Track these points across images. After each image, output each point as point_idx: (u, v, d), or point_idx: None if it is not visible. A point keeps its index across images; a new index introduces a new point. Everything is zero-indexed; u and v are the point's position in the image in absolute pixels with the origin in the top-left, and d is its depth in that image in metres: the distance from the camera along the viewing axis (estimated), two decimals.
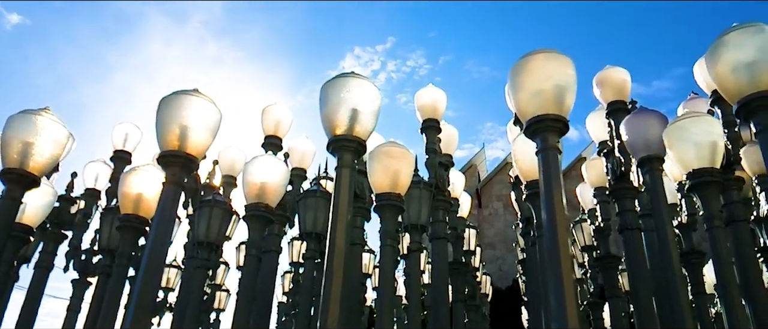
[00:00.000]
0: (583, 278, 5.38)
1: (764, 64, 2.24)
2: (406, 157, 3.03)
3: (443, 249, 3.74)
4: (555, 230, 2.13)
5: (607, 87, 3.93)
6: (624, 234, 3.62)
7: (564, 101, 2.32)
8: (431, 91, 4.00)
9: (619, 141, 3.60)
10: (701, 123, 2.81)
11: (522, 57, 2.42)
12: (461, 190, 4.71)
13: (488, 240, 20.33)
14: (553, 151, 2.28)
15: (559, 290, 2.03)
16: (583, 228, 5.13)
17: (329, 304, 2.13)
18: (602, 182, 4.16)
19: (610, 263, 4.37)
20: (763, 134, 2.23)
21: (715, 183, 2.80)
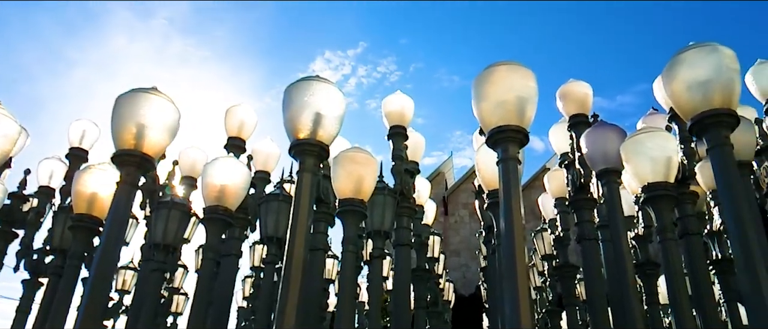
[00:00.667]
0: (542, 286, 5.48)
1: (717, 83, 2.33)
2: (371, 163, 3.02)
3: (406, 255, 3.74)
4: (512, 239, 2.16)
5: (569, 100, 4.02)
6: (582, 244, 3.71)
7: (525, 113, 2.36)
8: (399, 98, 4.01)
9: (580, 153, 3.68)
10: (657, 138, 2.89)
11: (486, 68, 2.45)
12: (427, 197, 4.74)
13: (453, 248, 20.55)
14: (513, 161, 2.31)
15: (514, 297, 2.05)
16: (544, 238, 5.23)
17: (286, 310, 2.09)
18: (563, 192, 4.25)
19: (569, 272, 4.46)
20: (714, 151, 2.31)
21: (669, 197, 2.88)
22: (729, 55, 2.35)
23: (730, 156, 2.26)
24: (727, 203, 2.21)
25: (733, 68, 2.34)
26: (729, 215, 2.20)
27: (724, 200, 2.23)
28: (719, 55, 2.33)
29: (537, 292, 5.97)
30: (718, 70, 2.31)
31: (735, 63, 2.36)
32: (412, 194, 3.87)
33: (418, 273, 4.44)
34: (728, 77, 2.31)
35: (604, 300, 3.52)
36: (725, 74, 2.31)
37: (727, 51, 2.35)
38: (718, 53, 2.34)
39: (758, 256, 2.06)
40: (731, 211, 2.17)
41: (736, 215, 2.14)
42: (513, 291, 2.08)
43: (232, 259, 3.49)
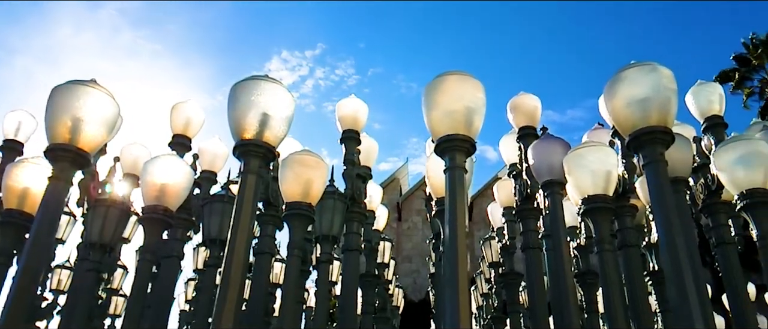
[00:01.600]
0: (488, 293, 5.58)
1: (655, 101, 2.43)
2: (320, 166, 2.99)
3: (355, 260, 3.71)
4: (455, 246, 2.19)
5: (519, 112, 4.11)
6: (526, 253, 3.79)
7: (473, 123, 2.39)
8: (353, 102, 3.99)
9: (527, 164, 3.76)
10: (598, 152, 2.99)
11: (436, 77, 2.47)
12: (378, 203, 4.72)
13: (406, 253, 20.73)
14: (460, 170, 2.34)
15: (454, 302, 2.07)
16: (492, 245, 5.32)
17: (222, 315, 2.03)
18: (511, 202, 4.34)
19: (513, 279, 4.55)
20: (650, 166, 2.41)
21: (607, 209, 2.98)
22: (667, 75, 2.46)
23: (664, 172, 2.36)
24: (659, 216, 2.31)
25: (671, 88, 2.45)
26: (660, 228, 2.29)
27: (657, 213, 2.33)
28: (658, 75, 2.44)
29: (483, 299, 6.07)
30: (656, 89, 2.41)
31: (672, 83, 2.47)
32: (363, 199, 3.86)
33: (367, 278, 4.43)
34: (665, 96, 2.41)
35: (545, 308, 3.61)
36: (663, 93, 2.41)
37: (665, 71, 2.46)
38: (657, 73, 2.44)
39: (686, 267, 2.16)
40: (663, 224, 2.27)
41: (667, 229, 2.24)
42: (453, 296, 2.10)
43: (173, 261, 3.38)
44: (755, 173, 3.01)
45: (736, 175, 3.07)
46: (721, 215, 3.58)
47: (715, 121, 4.09)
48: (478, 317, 6.61)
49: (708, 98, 4.16)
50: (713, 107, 4.15)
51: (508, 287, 4.66)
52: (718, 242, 3.59)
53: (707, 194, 3.72)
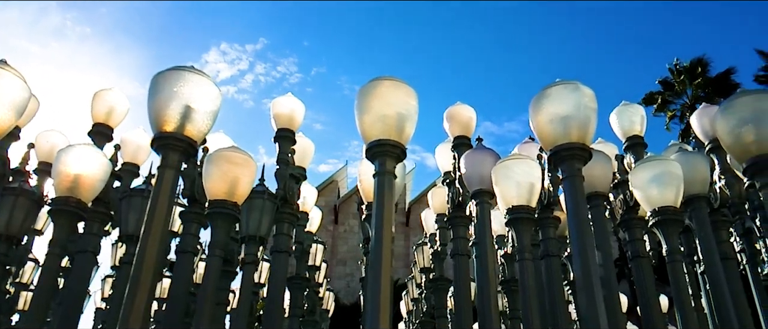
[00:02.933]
0: (418, 297, 5.64)
1: (576, 119, 2.54)
2: (248, 164, 2.91)
3: (283, 262, 3.64)
4: (380, 251, 2.19)
5: (454, 122, 4.19)
6: (454, 259, 3.86)
7: (404, 129, 2.41)
8: (289, 100, 3.92)
9: (460, 173, 3.84)
10: (523, 165, 3.09)
11: (370, 81, 2.47)
12: (312, 204, 4.67)
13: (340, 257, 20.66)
14: (389, 175, 2.35)
15: (375, 307, 2.07)
16: (424, 251, 5.39)
17: (130, 317, 1.93)
18: (443, 209, 4.40)
19: (442, 285, 4.63)
20: (567, 181, 2.51)
21: (529, 220, 3.09)
22: (588, 94, 2.57)
23: (580, 186, 2.47)
24: (573, 228, 2.41)
25: (591, 107, 2.57)
26: (574, 239, 2.39)
27: (571, 225, 2.44)
28: (580, 94, 2.55)
29: (414, 303, 6.13)
30: (578, 108, 2.52)
31: (593, 102, 2.59)
32: (296, 201, 3.80)
33: (296, 281, 4.36)
34: (586, 115, 2.53)
35: (470, 313, 3.68)
36: (583, 112, 2.52)
37: (587, 91, 2.58)
38: (579, 92, 2.55)
39: (596, 277, 2.26)
40: (576, 236, 2.37)
41: (580, 240, 2.34)
42: (375, 300, 2.10)
43: (88, 256, 3.18)
44: (667, 191, 3.20)
45: (650, 193, 3.26)
46: (636, 230, 3.76)
47: (636, 141, 4.33)
48: (408, 321, 6.67)
49: (630, 119, 4.40)
50: (635, 127, 4.39)
51: (436, 292, 4.74)
52: (633, 255, 3.76)
53: (625, 210, 3.90)
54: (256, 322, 5.00)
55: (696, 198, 3.49)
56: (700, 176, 3.53)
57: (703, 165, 3.61)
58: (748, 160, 2.48)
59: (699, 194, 3.50)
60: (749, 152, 2.49)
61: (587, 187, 3.61)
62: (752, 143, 2.48)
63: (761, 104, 2.51)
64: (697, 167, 3.54)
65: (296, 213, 3.73)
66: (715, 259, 3.40)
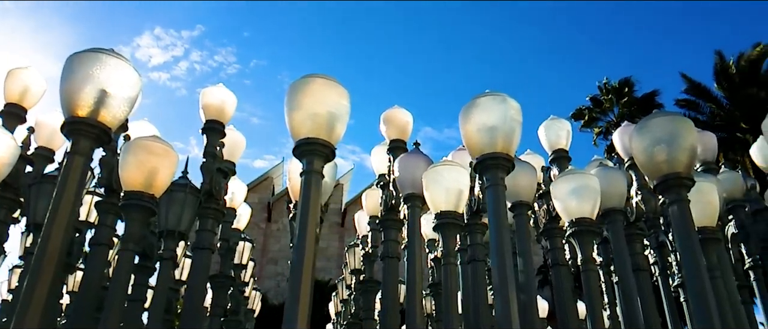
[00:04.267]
0: (347, 299, 5.62)
1: (502, 130, 2.62)
2: (169, 155, 2.77)
3: (205, 259, 3.50)
4: (303, 251, 2.15)
5: (391, 125, 4.21)
6: (384, 261, 3.87)
7: (335, 129, 2.38)
8: (220, 91, 3.78)
9: (394, 176, 3.85)
10: (453, 172, 3.15)
11: (302, 77, 2.43)
12: (241, 200, 4.54)
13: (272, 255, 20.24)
14: (317, 174, 2.31)
15: (294, 308, 2.03)
16: (355, 252, 5.37)
17: (27, 314, 1.79)
18: (377, 211, 4.40)
19: (371, 287, 4.63)
20: (491, 188, 2.58)
21: (456, 225, 3.14)
22: (515, 107, 2.66)
23: (502, 195, 2.55)
24: (493, 234, 2.48)
25: (517, 119, 2.65)
26: (493, 245, 2.46)
27: (492, 232, 2.50)
28: (507, 106, 2.63)
29: (342, 305, 6.11)
30: (504, 119, 2.59)
31: (519, 115, 2.67)
32: (222, 196, 3.67)
33: (220, 279, 4.22)
34: (511, 127, 2.61)
35: (396, 316, 3.71)
36: (509, 123, 2.60)
37: (514, 103, 2.66)
38: (506, 104, 2.63)
39: (511, 282, 2.33)
40: (496, 241, 2.44)
41: (499, 246, 2.41)
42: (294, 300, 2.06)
43: None
44: (584, 204, 3.36)
45: (568, 204, 3.40)
46: (557, 239, 3.90)
47: (561, 154, 4.52)
48: (336, 323, 6.64)
49: (557, 133, 4.59)
50: (560, 141, 4.59)
51: (365, 294, 4.73)
52: (553, 263, 3.90)
53: (548, 220, 4.06)
54: (178, 320, 4.80)
55: (613, 211, 3.67)
56: (617, 191, 3.73)
57: (620, 180, 3.81)
58: (659, 177, 2.64)
59: (616, 207, 3.69)
60: (660, 171, 2.65)
61: (513, 195, 3.74)
62: (663, 162, 2.64)
63: (673, 125, 2.69)
64: (615, 182, 3.73)
65: (222, 209, 3.60)
66: (627, 269, 3.59)
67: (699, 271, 2.39)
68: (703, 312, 2.35)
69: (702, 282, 2.38)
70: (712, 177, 3.99)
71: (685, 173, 2.58)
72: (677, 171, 2.56)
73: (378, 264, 4.69)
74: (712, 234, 3.24)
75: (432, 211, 3.21)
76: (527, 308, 3.58)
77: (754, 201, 4.22)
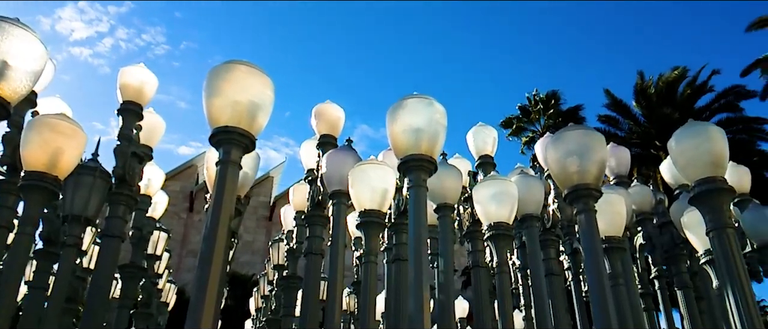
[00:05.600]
0: (268, 295, 5.51)
1: (427, 132, 2.65)
2: (77, 135, 2.59)
3: (114, 248, 3.29)
4: (213, 244, 2.07)
5: (322, 120, 4.16)
6: (307, 258, 3.82)
7: (256, 119, 2.31)
8: (140, 71, 3.57)
9: (322, 172, 3.81)
10: (379, 171, 3.16)
11: (224, 63, 2.34)
12: (158, 188, 4.33)
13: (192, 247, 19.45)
14: (234, 165, 2.24)
15: (200, 304, 1.96)
16: (279, 248, 5.28)
17: None
18: (304, 206, 4.34)
19: (293, 283, 4.56)
20: (413, 189, 2.61)
21: (379, 224, 3.15)
22: (440, 110, 2.70)
23: (424, 195, 2.58)
24: (412, 233, 2.51)
25: (442, 123, 2.69)
26: (411, 244, 2.49)
27: (411, 231, 2.53)
28: (433, 109, 2.66)
29: (263, 300, 5.98)
30: (430, 122, 2.63)
31: (444, 119, 2.72)
32: (136, 182, 3.48)
33: (130, 270, 4.00)
34: (436, 130, 2.65)
35: (316, 313, 3.67)
36: (434, 126, 2.64)
37: (440, 107, 2.71)
38: (433, 107, 2.67)
39: (425, 280, 2.37)
40: (414, 241, 2.47)
41: (417, 245, 2.44)
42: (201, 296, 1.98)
43: None
44: (502, 209, 3.47)
45: (488, 208, 3.51)
46: (478, 242, 4.01)
47: (486, 160, 4.66)
48: (256, 319, 6.49)
49: (483, 139, 4.72)
50: (487, 147, 4.73)
51: (287, 290, 4.65)
52: (473, 264, 4.00)
53: (471, 223, 4.16)
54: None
55: (529, 217, 3.82)
56: (535, 198, 3.88)
57: (538, 188, 3.97)
58: (570, 187, 2.77)
59: (533, 214, 3.84)
60: (572, 181, 2.78)
61: (439, 197, 3.81)
62: (575, 173, 2.77)
63: (586, 139, 2.83)
64: (533, 190, 3.88)
65: (135, 196, 3.41)
66: (540, 273, 3.75)
67: (600, 277, 2.53)
68: (602, 316, 2.49)
69: (603, 287, 2.51)
70: (623, 190, 4.24)
71: (594, 184, 2.72)
72: (587, 182, 2.70)
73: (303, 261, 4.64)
74: (618, 243, 3.44)
75: (356, 209, 3.20)
76: (445, 307, 3.66)
77: (661, 215, 4.51)
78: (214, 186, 2.20)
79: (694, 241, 3.60)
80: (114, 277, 3.62)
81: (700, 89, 22.35)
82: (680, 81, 22.64)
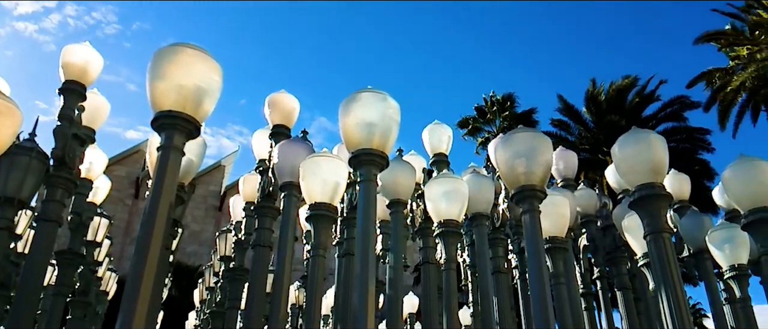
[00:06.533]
0: (214, 287, 5.39)
1: (379, 127, 2.64)
2: (12, 113, 2.44)
3: (49, 233, 3.14)
4: (151, 229, 2.00)
5: (275, 110, 4.09)
6: (255, 250, 3.76)
7: (202, 105, 2.24)
8: (84, 49, 3.39)
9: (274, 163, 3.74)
10: (332, 164, 3.13)
11: (170, 45, 2.26)
12: (100, 172, 4.14)
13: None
14: (176, 151, 2.16)
15: (133, 296, 1.89)
16: (227, 239, 5.17)
17: None
18: (254, 197, 4.25)
19: (240, 275, 4.47)
20: (364, 183, 2.60)
21: (329, 218, 3.12)
22: (394, 106, 2.69)
23: (373, 190, 2.57)
24: (360, 228, 2.50)
25: (395, 119, 2.69)
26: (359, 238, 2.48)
27: (359, 226, 2.53)
28: (386, 104, 2.66)
29: (209, 292, 5.85)
30: (383, 117, 2.62)
31: (397, 115, 2.71)
32: (77, 165, 3.32)
33: (67, 256, 3.82)
34: (388, 125, 2.64)
35: (261, 306, 3.61)
36: (387, 122, 2.63)
37: (393, 103, 2.70)
38: (386, 102, 2.66)
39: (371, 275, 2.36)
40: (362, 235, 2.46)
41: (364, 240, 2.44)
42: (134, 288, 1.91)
43: None
44: (452, 206, 3.52)
45: (439, 206, 3.54)
46: (429, 239, 4.04)
47: (441, 158, 4.71)
48: (200, 310, 6.34)
49: (439, 138, 4.77)
50: (441, 145, 4.77)
51: (233, 282, 4.56)
52: (424, 261, 4.03)
53: (424, 219, 4.19)
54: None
55: (479, 216, 3.88)
56: (485, 197, 3.94)
57: (489, 188, 4.04)
58: (516, 188, 2.83)
59: (482, 212, 3.90)
60: (518, 181, 2.84)
61: (392, 193, 3.82)
62: (522, 174, 2.83)
63: (534, 141, 2.89)
64: (483, 189, 3.95)
65: (75, 179, 3.25)
66: (486, 270, 3.82)
67: (542, 275, 2.60)
68: (542, 313, 2.55)
69: (543, 285, 2.58)
70: (569, 192, 4.37)
71: (540, 185, 2.78)
72: (532, 184, 2.76)
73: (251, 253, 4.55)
74: (561, 244, 3.54)
75: (307, 202, 3.16)
76: (392, 303, 3.68)
77: (605, 218, 4.67)
78: (154, 172, 2.12)
79: (634, 244, 3.75)
80: (50, 263, 3.45)
81: (648, 98, 23.34)
82: (630, 89, 23.56)
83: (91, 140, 3.55)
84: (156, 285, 2.05)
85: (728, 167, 3.12)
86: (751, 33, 20.23)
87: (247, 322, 3.49)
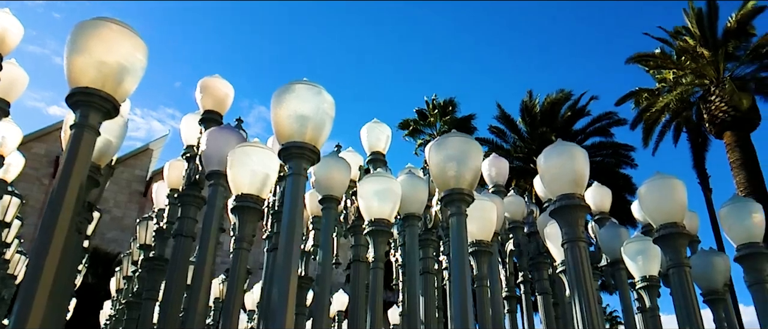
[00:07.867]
0: (131, 276, 5.13)
1: (313, 121, 2.59)
2: None
3: None
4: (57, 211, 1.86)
5: (207, 94, 3.94)
6: (176, 239, 3.61)
7: (123, 83, 2.12)
8: (3, 16, 3.10)
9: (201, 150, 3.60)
10: (261, 154, 3.04)
11: (93, 19, 2.11)
12: (14, 147, 3.83)
13: None
14: (90, 130, 2.02)
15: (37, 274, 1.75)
16: (148, 227, 4.93)
17: None
18: (179, 184, 4.08)
19: (159, 265, 4.27)
20: (292, 177, 2.54)
21: (255, 210, 3.04)
22: (329, 101, 2.65)
23: (302, 184, 2.52)
24: (285, 222, 2.45)
25: (329, 114, 2.65)
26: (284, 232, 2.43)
27: (284, 219, 2.47)
28: (322, 98, 2.61)
29: (126, 281, 5.56)
30: (317, 111, 2.57)
31: (332, 110, 2.68)
32: None
33: None
34: (322, 119, 2.60)
35: (179, 298, 3.47)
36: (320, 116, 2.59)
37: (328, 97, 2.66)
38: (321, 96, 2.61)
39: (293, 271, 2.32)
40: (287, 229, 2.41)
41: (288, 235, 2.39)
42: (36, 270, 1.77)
43: None
44: (384, 205, 3.52)
45: (371, 204, 3.54)
46: (360, 237, 4.02)
47: (378, 156, 4.70)
48: (115, 300, 6.02)
49: (377, 136, 4.76)
50: (379, 144, 4.77)
51: (151, 272, 4.34)
52: (354, 259, 4.01)
53: (357, 217, 4.17)
54: None
55: (411, 216, 3.91)
56: (418, 198, 3.98)
57: (422, 189, 4.07)
58: (446, 190, 2.87)
59: (414, 213, 3.93)
60: (448, 184, 2.88)
61: (325, 189, 3.78)
62: (452, 177, 2.87)
63: (465, 146, 2.94)
64: (417, 190, 3.98)
65: None
66: (415, 271, 3.86)
67: (463, 277, 2.65)
68: (461, 313, 2.60)
69: (464, 287, 2.64)
70: (498, 198, 4.50)
71: (468, 189, 2.84)
72: (461, 187, 2.81)
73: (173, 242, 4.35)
74: (486, 247, 3.63)
75: (233, 192, 3.06)
76: (320, 300, 3.64)
77: (531, 224, 4.85)
78: (65, 151, 1.97)
79: (554, 251, 3.90)
80: None
81: (579, 113, 24.50)
82: (563, 103, 24.64)
83: (5, 114, 3.27)
84: (67, 271, 1.91)
85: (644, 183, 3.31)
86: (678, 58, 21.65)
87: (164, 314, 3.34)
